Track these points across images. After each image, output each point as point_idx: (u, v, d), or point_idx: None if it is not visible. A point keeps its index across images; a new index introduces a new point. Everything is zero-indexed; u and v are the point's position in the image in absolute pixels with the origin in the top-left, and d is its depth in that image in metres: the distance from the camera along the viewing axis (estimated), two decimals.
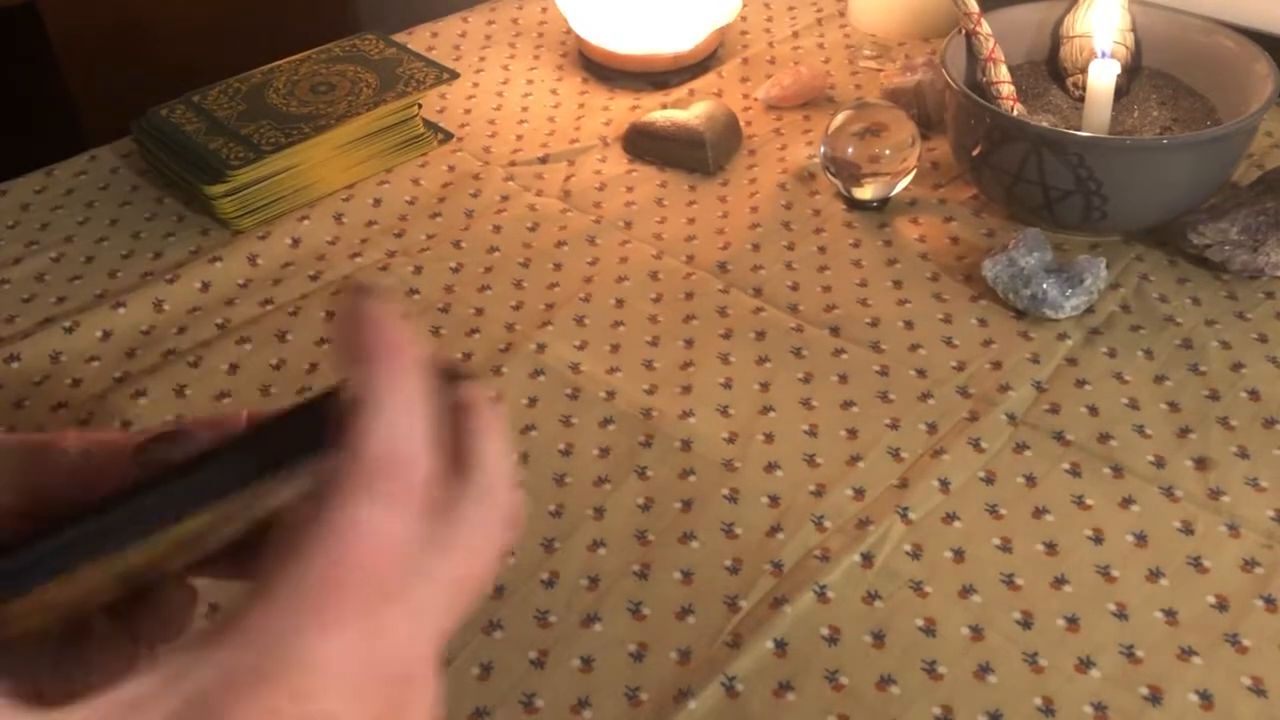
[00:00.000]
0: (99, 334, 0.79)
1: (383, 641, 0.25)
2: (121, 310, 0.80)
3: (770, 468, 0.68)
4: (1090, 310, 0.78)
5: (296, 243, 0.88)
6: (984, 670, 0.56)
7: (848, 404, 0.72)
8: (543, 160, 0.97)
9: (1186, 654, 0.57)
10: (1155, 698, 0.55)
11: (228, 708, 0.23)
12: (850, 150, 0.86)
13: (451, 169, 0.96)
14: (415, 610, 0.26)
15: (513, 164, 0.97)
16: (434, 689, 0.28)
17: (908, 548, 0.63)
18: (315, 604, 0.24)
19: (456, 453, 0.28)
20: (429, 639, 0.27)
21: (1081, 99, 0.88)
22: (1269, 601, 0.59)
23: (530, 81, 1.08)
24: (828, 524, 0.64)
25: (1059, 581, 0.61)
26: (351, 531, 0.24)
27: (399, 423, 0.25)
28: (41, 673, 0.31)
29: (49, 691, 0.31)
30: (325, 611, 0.24)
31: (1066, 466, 0.67)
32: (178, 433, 0.32)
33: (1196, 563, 0.61)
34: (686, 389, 0.73)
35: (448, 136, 1.00)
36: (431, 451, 0.26)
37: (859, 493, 0.66)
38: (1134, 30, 0.90)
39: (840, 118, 0.87)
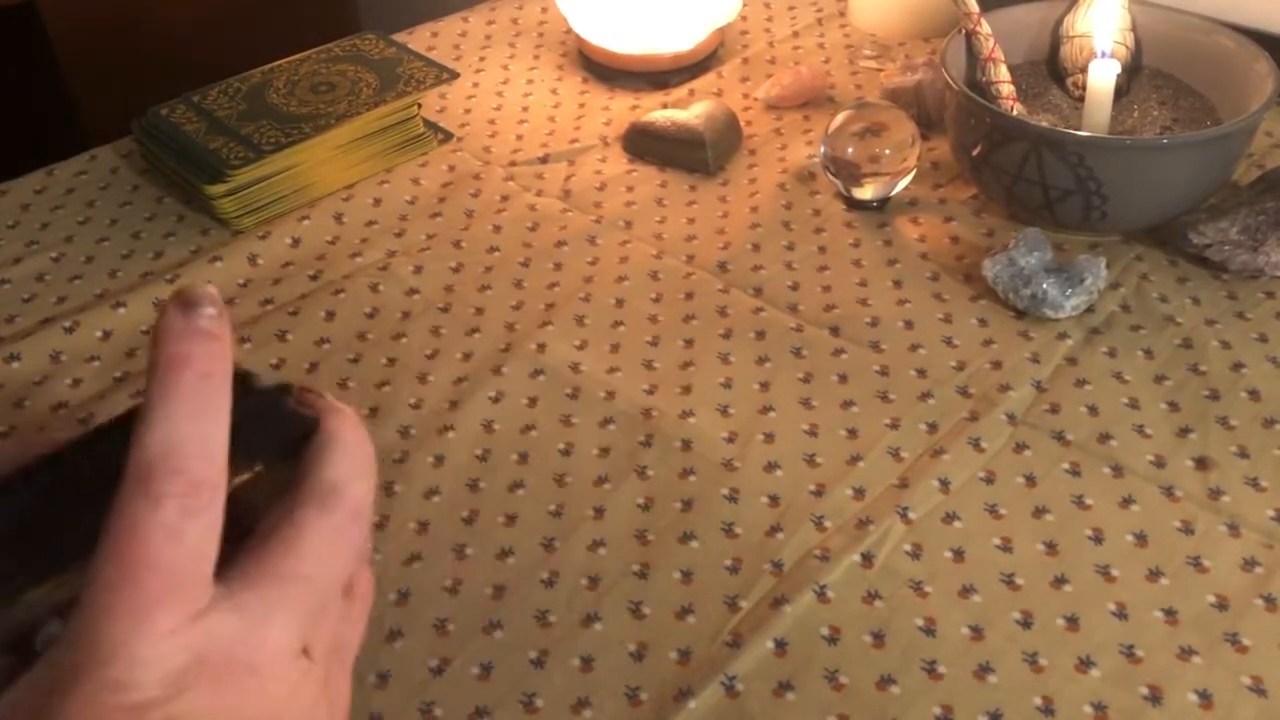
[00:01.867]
0: (99, 334, 0.79)
1: (205, 633, 0.26)
2: (122, 310, 0.80)
3: (770, 467, 0.68)
4: (1090, 310, 0.78)
5: (296, 243, 0.88)
6: (984, 670, 0.56)
7: (848, 404, 0.72)
8: (543, 160, 0.97)
9: (1186, 654, 0.57)
10: (1155, 698, 0.55)
11: (54, 710, 0.25)
12: (850, 150, 0.86)
13: (451, 169, 0.96)
14: (244, 604, 0.27)
15: (513, 164, 0.97)
16: (298, 680, 0.28)
17: (908, 548, 0.63)
18: (119, 602, 0.25)
19: (298, 465, 0.29)
20: (280, 633, 0.28)
21: (1081, 99, 0.88)
22: (1269, 601, 0.59)
23: (530, 81, 1.08)
24: (828, 524, 0.64)
25: (1059, 581, 0.61)
26: (129, 533, 0.25)
27: (179, 429, 0.26)
28: None
29: None
30: (129, 607, 0.25)
31: (1066, 466, 0.67)
32: None
33: (1196, 563, 0.61)
34: (686, 389, 0.73)
35: (448, 136, 1.00)
36: (223, 454, 0.27)
37: (859, 492, 0.66)
38: (1134, 30, 0.90)
39: (840, 118, 0.87)
